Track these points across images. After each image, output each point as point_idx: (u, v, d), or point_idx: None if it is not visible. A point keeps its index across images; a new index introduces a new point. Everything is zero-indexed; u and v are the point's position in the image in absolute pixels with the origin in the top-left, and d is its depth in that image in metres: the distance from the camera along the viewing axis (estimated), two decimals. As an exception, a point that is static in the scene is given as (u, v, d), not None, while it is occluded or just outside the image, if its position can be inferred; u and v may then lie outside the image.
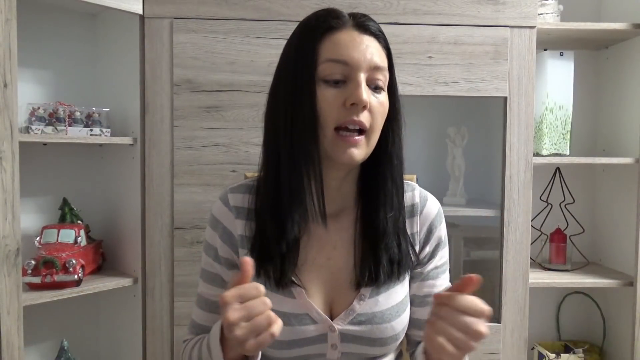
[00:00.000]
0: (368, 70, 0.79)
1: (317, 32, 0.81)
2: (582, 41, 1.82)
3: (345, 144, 0.79)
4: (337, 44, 0.79)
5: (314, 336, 0.84)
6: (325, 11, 0.83)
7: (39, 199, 1.58)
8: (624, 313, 1.76)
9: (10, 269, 1.23)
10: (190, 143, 1.54)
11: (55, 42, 1.61)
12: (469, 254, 1.93)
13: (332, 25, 0.80)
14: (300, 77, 0.80)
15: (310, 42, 0.80)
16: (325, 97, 0.79)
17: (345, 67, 0.79)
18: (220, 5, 1.53)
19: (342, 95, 0.79)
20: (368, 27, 0.81)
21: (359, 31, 0.81)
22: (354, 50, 0.79)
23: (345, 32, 0.80)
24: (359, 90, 0.78)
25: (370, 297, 0.85)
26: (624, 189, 1.79)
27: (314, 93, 0.79)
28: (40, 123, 1.45)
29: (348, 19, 0.82)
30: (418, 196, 0.93)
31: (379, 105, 0.81)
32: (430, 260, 0.92)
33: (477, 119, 1.87)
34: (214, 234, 0.90)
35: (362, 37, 0.80)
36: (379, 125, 0.82)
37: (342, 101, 0.78)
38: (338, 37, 0.80)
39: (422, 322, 0.92)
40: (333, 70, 0.79)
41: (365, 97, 0.78)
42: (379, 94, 0.81)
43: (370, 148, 0.82)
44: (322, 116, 0.79)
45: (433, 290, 0.92)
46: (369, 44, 0.80)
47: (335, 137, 0.79)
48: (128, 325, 1.62)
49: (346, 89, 0.79)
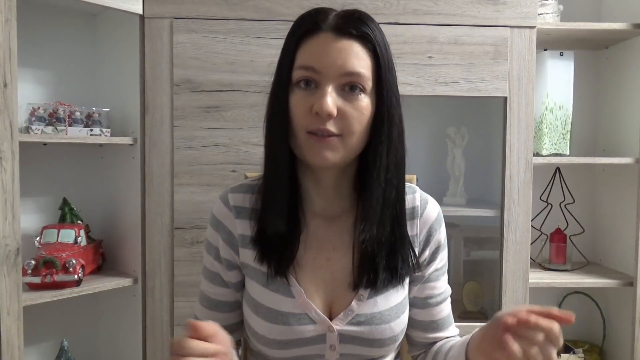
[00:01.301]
0: (339, 77, 0.78)
1: (295, 36, 0.81)
2: (582, 41, 1.82)
3: (317, 144, 0.79)
4: (309, 51, 0.79)
5: (312, 336, 0.84)
6: (309, 14, 0.83)
7: (39, 199, 1.58)
8: (624, 313, 1.76)
9: (10, 269, 1.23)
10: (190, 143, 1.54)
11: (55, 42, 1.61)
12: (469, 254, 1.93)
13: (308, 30, 0.80)
14: (279, 81, 0.82)
15: (289, 49, 0.81)
16: (295, 102, 0.80)
17: (314, 73, 0.78)
18: (220, 5, 1.53)
19: (311, 101, 0.78)
20: (347, 30, 0.79)
21: (336, 35, 0.79)
22: (324, 57, 0.78)
23: (321, 36, 0.79)
24: (322, 100, 0.77)
25: (369, 297, 0.85)
26: (624, 189, 1.79)
27: (287, 98, 0.80)
28: (40, 123, 1.45)
29: (330, 21, 0.80)
30: (418, 199, 0.92)
31: (354, 110, 0.79)
32: (430, 264, 0.92)
33: (477, 119, 1.87)
34: (215, 234, 0.90)
35: (338, 42, 0.78)
36: (356, 129, 0.79)
37: (310, 106, 0.78)
38: (312, 42, 0.79)
39: (424, 323, 0.93)
40: (303, 75, 0.79)
41: (329, 106, 0.76)
42: (355, 99, 0.79)
43: (348, 150, 0.81)
44: (294, 120, 0.80)
45: (434, 292, 0.92)
46: (345, 48, 0.78)
47: (308, 139, 0.79)
48: (128, 325, 1.62)
49: (314, 95, 0.78)
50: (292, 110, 0.80)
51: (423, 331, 0.94)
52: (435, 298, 0.93)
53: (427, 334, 0.94)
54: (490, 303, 1.75)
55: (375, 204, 0.83)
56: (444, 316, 0.94)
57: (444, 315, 0.94)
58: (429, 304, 0.92)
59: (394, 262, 0.85)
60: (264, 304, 0.85)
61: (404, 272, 0.87)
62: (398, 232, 0.86)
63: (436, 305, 0.93)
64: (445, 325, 0.94)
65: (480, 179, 1.88)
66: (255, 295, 0.86)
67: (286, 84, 0.81)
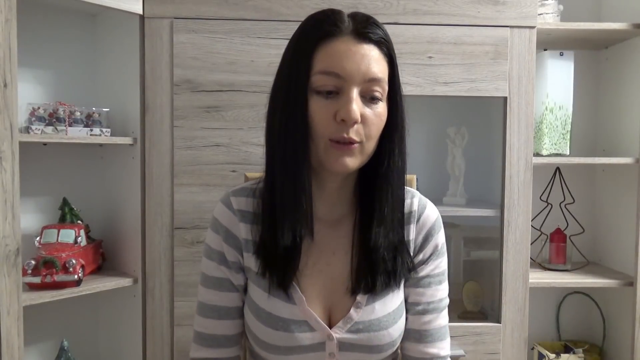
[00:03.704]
0: (362, 83, 0.77)
1: (312, 40, 0.78)
2: (582, 41, 1.82)
3: (338, 152, 0.78)
4: (330, 55, 0.76)
5: (312, 344, 0.84)
6: (325, 15, 0.80)
7: (39, 199, 1.58)
8: (624, 313, 1.76)
9: (10, 269, 1.23)
10: (190, 143, 1.54)
11: (55, 42, 1.61)
12: (469, 254, 1.93)
13: (328, 33, 0.77)
14: (294, 86, 0.78)
15: (305, 51, 0.78)
16: (316, 109, 0.77)
17: (337, 79, 0.76)
18: (220, 5, 1.53)
19: (334, 108, 0.77)
20: (367, 34, 0.77)
21: (357, 39, 0.77)
22: (348, 62, 0.76)
23: (341, 40, 0.77)
24: (349, 106, 0.75)
25: (366, 304, 0.85)
26: (624, 189, 1.79)
27: (306, 104, 0.78)
28: (40, 123, 1.45)
29: (347, 25, 0.78)
30: (417, 204, 0.91)
31: (374, 117, 0.78)
32: (423, 267, 0.90)
33: (477, 119, 1.87)
34: (218, 238, 0.88)
35: (359, 47, 0.77)
36: (374, 134, 0.79)
37: (334, 113, 0.76)
38: (333, 46, 0.77)
39: (411, 332, 0.90)
40: (325, 82, 0.76)
41: (356, 113, 0.75)
42: (375, 105, 0.79)
43: (364, 156, 0.81)
44: (314, 127, 0.78)
45: (422, 299, 0.89)
46: (367, 54, 0.77)
47: (330, 146, 0.78)
48: (128, 325, 1.62)
49: (338, 102, 0.77)
50: (313, 118, 0.77)
51: (413, 341, 0.90)
52: (423, 305, 0.89)
53: (417, 345, 0.90)
54: (490, 303, 1.75)
55: (385, 207, 0.83)
56: (432, 328, 0.89)
57: (432, 327, 0.89)
58: (416, 311, 0.89)
59: (395, 264, 0.85)
60: (265, 309, 0.85)
61: (402, 275, 0.86)
62: (400, 235, 0.86)
63: (423, 313, 0.89)
64: (433, 338, 0.89)
65: (480, 179, 1.88)
66: (257, 300, 0.86)
67: (303, 89, 0.78)
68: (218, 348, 0.89)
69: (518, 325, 1.64)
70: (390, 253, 0.85)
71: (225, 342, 0.89)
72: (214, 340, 0.89)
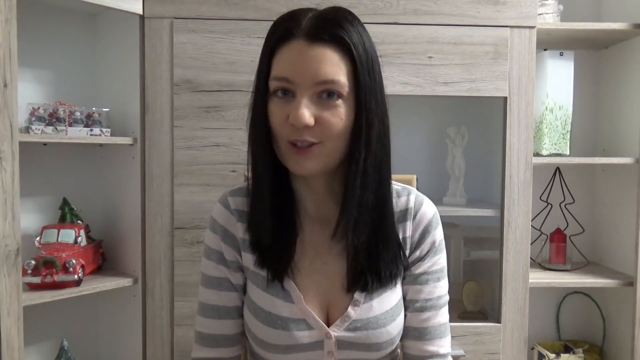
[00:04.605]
0: (314, 85, 0.75)
1: (270, 44, 0.79)
2: (582, 41, 1.82)
3: (296, 155, 0.78)
4: (283, 60, 0.77)
5: (310, 342, 0.84)
6: (282, 19, 0.80)
7: (39, 199, 1.58)
8: (624, 313, 1.76)
9: (10, 269, 1.23)
10: (190, 143, 1.54)
11: (55, 42, 1.61)
12: (469, 254, 1.93)
13: (281, 37, 0.77)
14: (257, 90, 0.82)
15: (264, 56, 0.80)
16: (273, 112, 0.78)
17: (289, 84, 0.76)
18: (220, 5, 1.53)
19: (287, 110, 0.77)
20: (319, 36, 0.75)
21: (309, 41, 0.75)
22: (297, 66, 0.75)
23: (293, 44, 0.76)
24: (297, 112, 0.75)
25: (364, 302, 0.85)
26: (624, 189, 1.79)
27: (266, 108, 0.79)
28: (40, 123, 1.45)
29: (303, 27, 0.76)
30: (413, 201, 0.91)
31: (331, 117, 0.76)
32: (419, 263, 0.90)
33: (477, 119, 1.87)
34: (216, 238, 0.89)
35: (311, 49, 0.75)
36: (335, 134, 0.77)
37: (287, 115, 0.77)
38: (285, 50, 0.77)
39: (410, 329, 0.89)
40: (278, 86, 0.77)
41: (304, 117, 0.74)
42: (332, 105, 0.76)
43: (329, 157, 0.79)
44: (274, 130, 0.79)
45: (420, 296, 0.89)
46: (317, 55, 0.75)
47: (289, 149, 0.78)
48: (128, 325, 1.62)
49: (290, 105, 0.77)
50: (271, 120, 0.79)
51: (412, 339, 0.90)
52: (421, 303, 0.89)
53: (416, 343, 0.89)
54: (490, 303, 1.75)
55: (351, 209, 0.81)
56: (431, 325, 0.89)
57: (431, 324, 0.89)
58: (414, 308, 0.89)
59: (375, 265, 0.84)
60: (263, 307, 0.85)
61: (392, 274, 0.85)
62: (380, 236, 0.84)
63: (421, 310, 0.89)
64: (432, 336, 0.89)
65: (480, 179, 1.88)
66: (256, 299, 0.86)
67: (264, 92, 0.80)
68: (218, 348, 0.90)
69: (518, 325, 1.64)
70: (362, 254, 0.84)
71: (225, 341, 0.90)
72: (214, 340, 0.89)
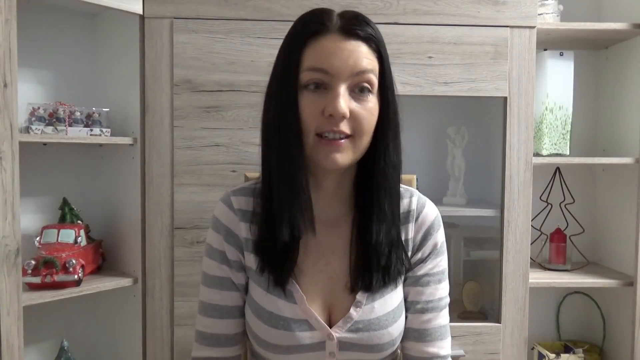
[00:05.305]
0: (350, 77, 0.78)
1: (301, 38, 0.80)
2: (582, 41, 1.82)
3: (327, 147, 0.79)
4: (318, 52, 0.78)
5: (312, 343, 0.84)
6: (313, 14, 0.82)
7: (39, 199, 1.58)
8: (624, 313, 1.76)
9: (10, 269, 1.23)
10: (190, 143, 1.54)
11: (55, 42, 1.61)
12: (469, 254, 1.93)
13: (316, 31, 0.79)
14: (285, 84, 0.81)
15: (294, 49, 0.80)
16: (306, 105, 0.79)
17: (325, 75, 0.78)
18: (220, 5, 1.53)
19: (322, 103, 0.78)
20: (355, 31, 0.79)
21: (344, 36, 0.79)
22: (335, 58, 0.77)
23: (329, 37, 0.79)
24: (336, 102, 0.76)
25: (366, 303, 0.85)
26: (624, 189, 1.79)
27: (297, 100, 0.79)
28: (40, 123, 1.45)
29: (335, 22, 0.80)
30: (415, 202, 0.92)
31: (364, 111, 0.79)
32: (421, 265, 0.90)
33: (477, 119, 1.87)
34: (218, 237, 0.89)
35: (347, 43, 0.78)
36: (366, 129, 0.80)
37: (322, 109, 0.78)
38: (320, 43, 0.79)
39: (411, 330, 0.90)
40: (313, 78, 0.78)
41: (343, 108, 0.77)
42: (365, 99, 0.80)
43: (357, 152, 0.81)
44: (304, 123, 0.79)
45: (421, 298, 0.89)
46: (354, 49, 0.78)
47: (317, 142, 0.79)
48: (128, 325, 1.62)
49: (326, 97, 0.78)
50: (302, 114, 0.79)
51: (413, 340, 0.90)
52: (422, 304, 0.89)
53: (416, 344, 0.89)
54: (490, 303, 1.75)
55: (385, 203, 0.84)
56: (431, 327, 0.89)
57: (432, 325, 0.89)
58: (415, 309, 0.90)
59: (390, 261, 0.85)
60: (266, 308, 0.85)
61: (397, 272, 0.87)
62: (394, 233, 0.87)
63: (422, 312, 0.89)
64: (432, 338, 0.89)
65: (480, 179, 1.88)
66: (258, 299, 0.86)
67: (294, 86, 0.80)
68: (219, 347, 0.89)
69: (518, 325, 1.64)
70: (388, 248, 0.85)
71: (226, 341, 0.90)
72: (215, 339, 0.89)
